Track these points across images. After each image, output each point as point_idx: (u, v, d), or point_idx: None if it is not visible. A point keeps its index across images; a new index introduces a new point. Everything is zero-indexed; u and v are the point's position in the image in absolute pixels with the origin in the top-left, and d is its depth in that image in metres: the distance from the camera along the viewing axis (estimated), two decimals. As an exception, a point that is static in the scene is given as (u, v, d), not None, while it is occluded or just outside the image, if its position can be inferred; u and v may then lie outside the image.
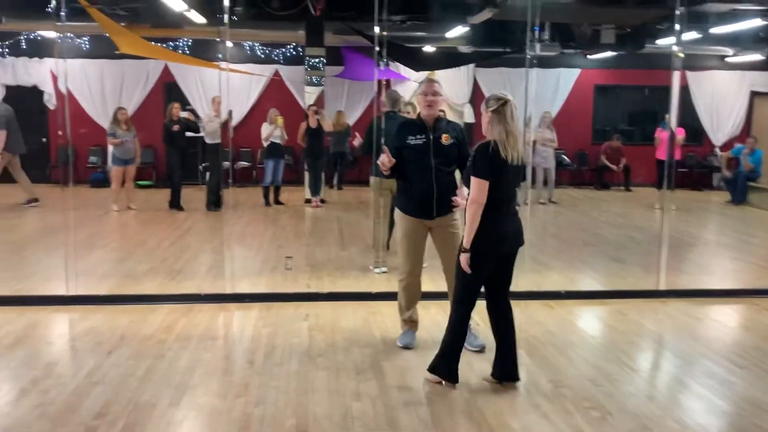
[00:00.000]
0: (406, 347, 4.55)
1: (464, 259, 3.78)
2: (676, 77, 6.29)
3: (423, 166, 4.35)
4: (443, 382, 3.94)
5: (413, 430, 3.40)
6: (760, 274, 6.98)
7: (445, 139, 4.38)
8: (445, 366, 3.94)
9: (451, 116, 11.08)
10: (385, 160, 4.28)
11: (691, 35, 11.58)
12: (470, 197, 3.78)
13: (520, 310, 5.50)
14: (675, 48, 6.26)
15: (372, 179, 6.73)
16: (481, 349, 4.47)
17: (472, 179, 3.74)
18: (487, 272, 3.89)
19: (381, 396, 3.79)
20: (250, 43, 13.46)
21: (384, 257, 6.75)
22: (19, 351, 4.42)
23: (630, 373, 4.24)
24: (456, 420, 3.53)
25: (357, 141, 7.39)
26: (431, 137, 4.37)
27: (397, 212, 4.56)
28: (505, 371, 3.98)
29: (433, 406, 3.71)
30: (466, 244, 3.76)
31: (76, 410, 3.56)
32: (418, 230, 4.45)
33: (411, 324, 4.67)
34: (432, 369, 3.98)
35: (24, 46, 13.20)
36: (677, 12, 6.27)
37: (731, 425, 3.55)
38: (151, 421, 3.45)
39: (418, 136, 4.37)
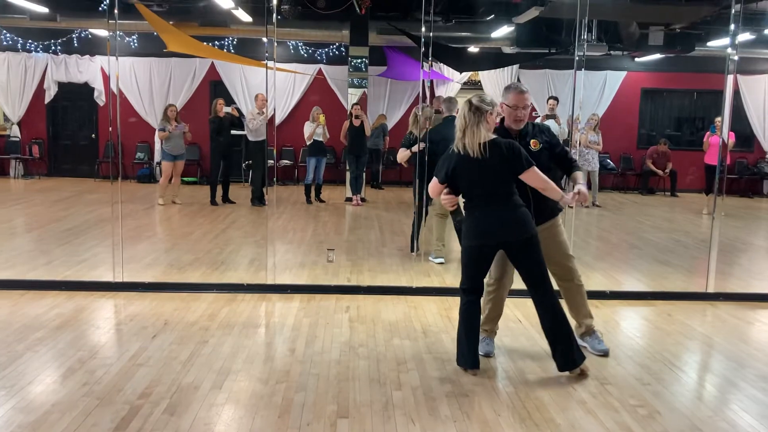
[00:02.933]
0: (487, 355, 4.28)
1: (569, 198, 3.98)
2: (729, 81, 6.09)
3: None
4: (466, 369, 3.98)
5: (455, 421, 3.36)
6: (815, 281, 6.75)
7: (534, 144, 4.10)
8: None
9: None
10: (447, 199, 4.07)
11: (744, 37, 11.29)
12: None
13: (564, 309, 5.44)
14: (729, 50, 6.06)
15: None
16: (604, 354, 4.34)
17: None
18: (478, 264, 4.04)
19: (422, 386, 3.76)
20: (295, 42, 13.59)
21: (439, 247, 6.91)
22: (67, 333, 4.51)
23: (678, 373, 4.12)
24: (499, 413, 3.48)
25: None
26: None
27: None
28: (563, 361, 3.95)
29: (475, 397, 3.66)
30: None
31: (121, 390, 3.62)
32: None
33: (491, 333, 4.43)
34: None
35: (76, 44, 13.56)
36: (732, 11, 6.07)
37: (785, 428, 3.42)
38: (193, 402, 3.49)
39: None
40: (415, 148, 6.95)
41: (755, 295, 5.99)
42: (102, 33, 12.83)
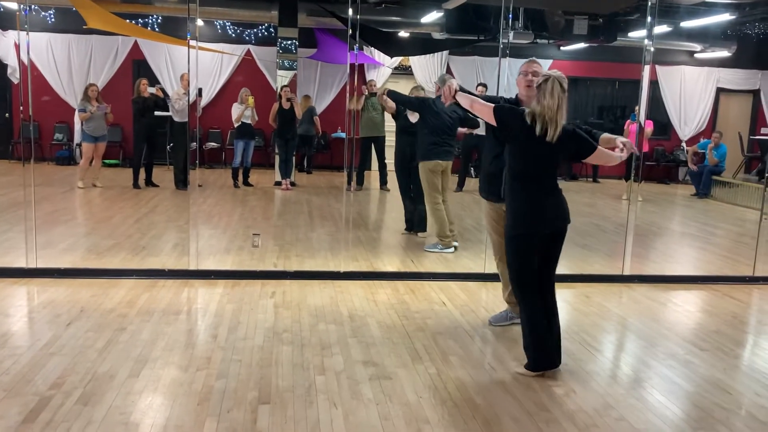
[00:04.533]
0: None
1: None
2: (646, 71, 6.32)
3: None
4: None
5: (377, 403, 3.37)
6: (722, 263, 7.11)
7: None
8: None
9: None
10: (456, 85, 4.06)
11: (662, 29, 11.73)
12: (475, 105, 3.89)
13: (487, 291, 5.56)
14: (646, 41, 6.28)
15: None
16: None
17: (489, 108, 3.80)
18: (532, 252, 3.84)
19: (346, 370, 3.77)
20: (222, 21, 13.26)
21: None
22: (-27, 322, 4.29)
23: (593, 353, 4.27)
24: (421, 395, 3.52)
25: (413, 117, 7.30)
26: None
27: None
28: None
29: (398, 380, 3.69)
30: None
31: (31, 380, 3.46)
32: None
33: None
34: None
35: (-14, 18, 12.84)
36: (649, 3, 6.29)
37: (692, 404, 3.60)
38: (108, 391, 3.38)
39: None
40: (413, 118, 7.16)
41: (668, 277, 6.26)
42: (13, 6, 12.15)
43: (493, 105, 3.85)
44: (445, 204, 6.93)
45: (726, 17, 11.06)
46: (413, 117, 7.15)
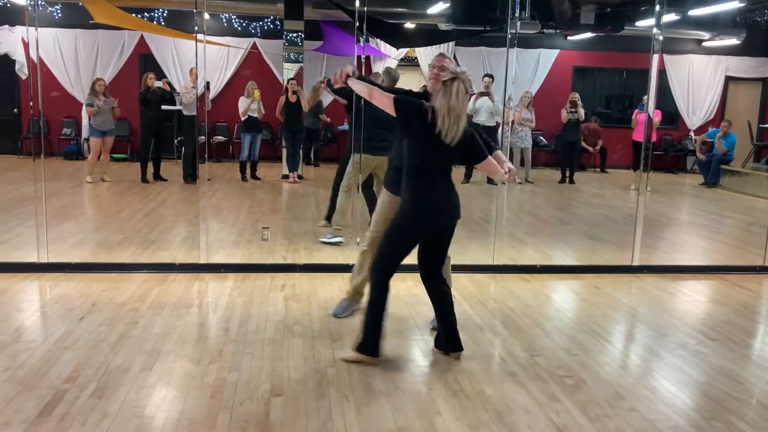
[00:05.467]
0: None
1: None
2: (654, 60, 6.28)
3: None
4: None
5: (388, 395, 3.39)
6: (731, 253, 7.09)
7: None
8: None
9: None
10: (350, 70, 4.01)
11: (670, 18, 11.65)
12: (374, 93, 3.82)
13: (495, 282, 5.56)
14: (655, 30, 6.24)
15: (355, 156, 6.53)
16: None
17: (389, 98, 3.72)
18: (413, 243, 3.82)
19: (357, 363, 3.78)
20: (228, 14, 13.26)
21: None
22: (-13, 317, 4.33)
23: (604, 344, 4.27)
24: (432, 386, 3.53)
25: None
26: None
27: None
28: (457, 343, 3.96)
29: (409, 372, 3.71)
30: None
31: (46, 374, 3.50)
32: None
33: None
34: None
35: (-7, 13, 12.88)
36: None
37: (702, 393, 3.60)
38: (122, 384, 3.41)
39: None
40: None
41: (677, 267, 6.26)
42: (21, 1, 12.18)
43: (393, 96, 3.73)
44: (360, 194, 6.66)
45: (735, 5, 10.98)
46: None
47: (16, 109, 13.53)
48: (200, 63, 6.10)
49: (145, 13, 12.73)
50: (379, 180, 6.27)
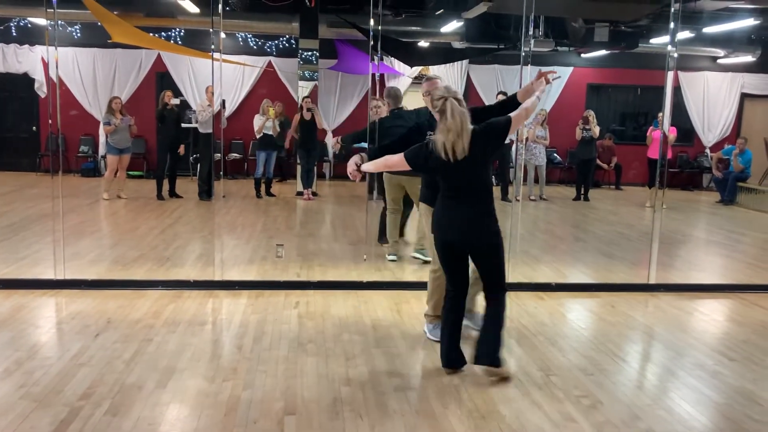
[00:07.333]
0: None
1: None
2: (669, 77, 6.27)
3: None
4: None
5: (402, 415, 3.37)
6: (750, 271, 7.01)
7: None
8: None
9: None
10: (357, 160, 4.11)
11: (684, 35, 11.64)
12: (388, 163, 3.99)
13: (510, 300, 5.51)
14: (669, 47, 6.23)
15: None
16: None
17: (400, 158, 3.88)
18: (444, 257, 3.93)
19: (370, 381, 3.77)
20: (244, 33, 13.40)
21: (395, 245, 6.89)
22: (4, 333, 4.36)
23: (620, 363, 4.23)
24: (446, 405, 3.51)
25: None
26: None
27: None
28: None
29: (423, 391, 3.69)
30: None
31: (61, 391, 3.51)
32: None
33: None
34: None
35: (14, 33, 13.09)
36: (672, 9, 6.24)
37: (721, 415, 3.55)
38: (136, 402, 3.41)
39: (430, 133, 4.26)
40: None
41: (694, 286, 6.19)
42: (41, 22, 12.40)
43: (403, 153, 3.88)
44: (402, 214, 6.98)
45: (750, 22, 10.94)
46: None
47: (34, 127, 13.71)
48: (216, 81, 6.16)
49: (163, 33, 12.88)
50: (414, 196, 6.49)
